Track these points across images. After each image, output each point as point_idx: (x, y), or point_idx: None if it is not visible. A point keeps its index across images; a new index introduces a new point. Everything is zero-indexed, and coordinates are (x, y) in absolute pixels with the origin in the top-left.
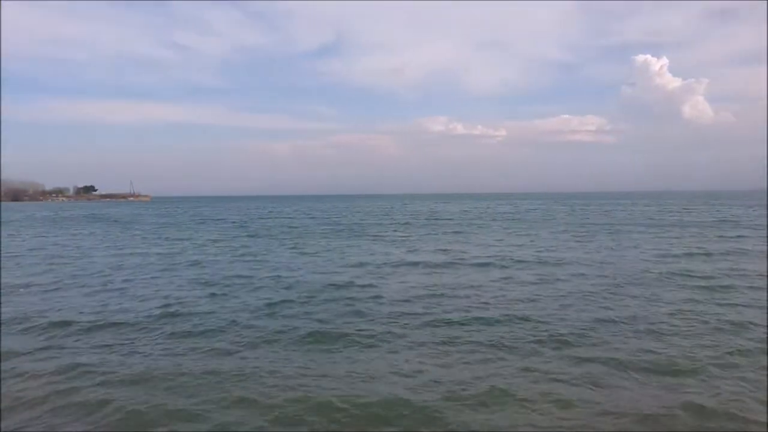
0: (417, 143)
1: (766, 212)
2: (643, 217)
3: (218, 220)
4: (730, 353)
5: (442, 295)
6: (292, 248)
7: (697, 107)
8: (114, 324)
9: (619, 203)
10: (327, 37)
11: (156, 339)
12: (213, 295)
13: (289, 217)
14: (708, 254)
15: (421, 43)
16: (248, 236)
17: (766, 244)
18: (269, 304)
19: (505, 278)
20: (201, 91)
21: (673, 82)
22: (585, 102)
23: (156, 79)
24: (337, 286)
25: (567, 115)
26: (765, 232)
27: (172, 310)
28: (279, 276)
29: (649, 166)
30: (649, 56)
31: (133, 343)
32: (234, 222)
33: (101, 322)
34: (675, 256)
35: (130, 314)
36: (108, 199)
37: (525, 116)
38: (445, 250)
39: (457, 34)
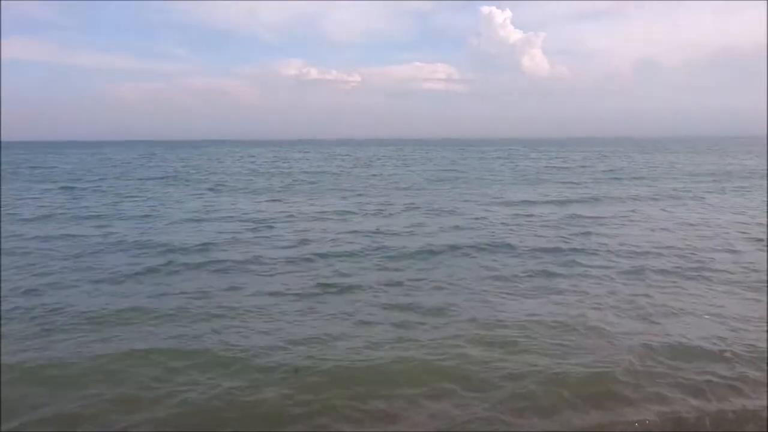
0: (272, 88)
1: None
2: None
3: (44, 168)
4: None
5: None
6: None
7: (535, 59)
8: None
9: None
10: None
11: None
12: None
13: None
14: None
15: None
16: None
17: None
18: None
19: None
20: (31, 24)
21: (515, 35)
22: (437, 51)
23: None
24: None
25: (419, 63)
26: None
27: None
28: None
29: (495, 114)
30: (494, 8)
31: None
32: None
33: None
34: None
35: None
36: None
37: (380, 63)
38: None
39: None
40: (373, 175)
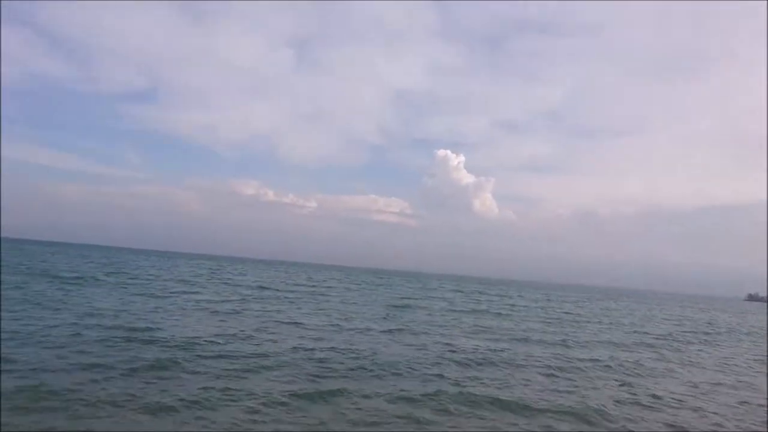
0: (227, 204)
1: None
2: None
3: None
4: None
5: None
6: None
7: (485, 203)
8: None
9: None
10: (139, 82)
11: None
12: None
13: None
14: None
15: (241, 104)
16: None
17: None
18: None
19: None
20: None
21: (467, 178)
22: (392, 185)
23: None
24: None
25: (375, 195)
26: None
27: None
28: None
29: (445, 250)
30: (449, 152)
31: None
32: None
33: None
34: None
35: None
36: None
37: (335, 191)
38: None
39: (280, 102)
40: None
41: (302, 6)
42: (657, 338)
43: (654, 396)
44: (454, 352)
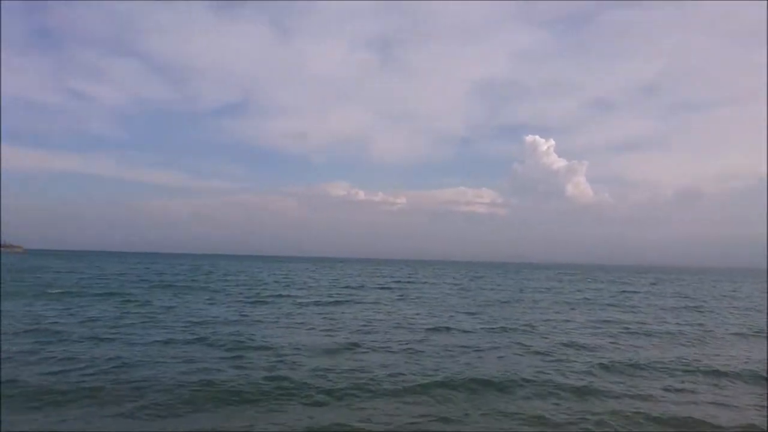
0: (320, 207)
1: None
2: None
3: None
4: None
5: None
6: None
7: (579, 187)
8: None
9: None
10: (232, 97)
11: None
12: None
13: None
14: None
15: (328, 110)
16: None
17: None
18: None
19: None
20: (94, 141)
21: (558, 162)
22: (480, 176)
23: (45, 126)
24: None
25: (463, 187)
26: None
27: None
28: None
29: (538, 238)
30: (537, 137)
31: None
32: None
33: None
34: None
35: None
36: None
37: (424, 186)
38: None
39: (365, 104)
40: None
41: (381, 7)
42: None
43: None
44: (583, 353)
